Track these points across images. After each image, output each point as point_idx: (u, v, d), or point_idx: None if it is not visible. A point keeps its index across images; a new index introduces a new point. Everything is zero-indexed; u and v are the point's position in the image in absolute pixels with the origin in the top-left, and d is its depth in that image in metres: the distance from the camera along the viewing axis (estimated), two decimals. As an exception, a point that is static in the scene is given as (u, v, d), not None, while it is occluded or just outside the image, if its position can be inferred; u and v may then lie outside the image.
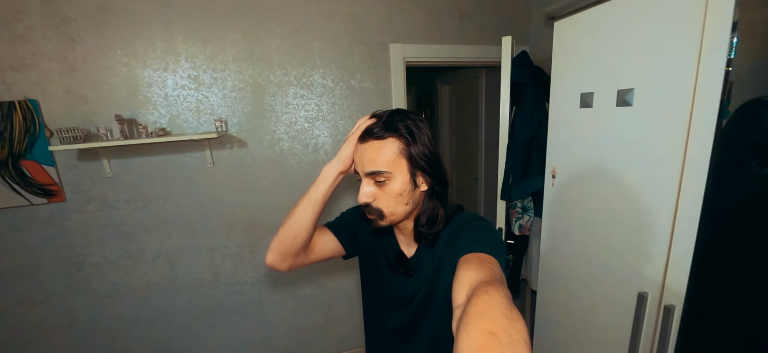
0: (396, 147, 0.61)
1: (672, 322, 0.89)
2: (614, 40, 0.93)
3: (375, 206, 0.64)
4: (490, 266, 0.51)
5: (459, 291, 0.48)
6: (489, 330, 0.34)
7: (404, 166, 0.62)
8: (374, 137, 0.61)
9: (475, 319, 0.36)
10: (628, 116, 0.91)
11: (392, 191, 0.62)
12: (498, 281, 0.46)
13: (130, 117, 1.51)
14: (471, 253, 0.56)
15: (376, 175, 0.61)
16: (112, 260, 1.64)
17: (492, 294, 0.40)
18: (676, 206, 0.84)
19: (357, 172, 0.66)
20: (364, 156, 0.63)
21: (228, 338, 1.89)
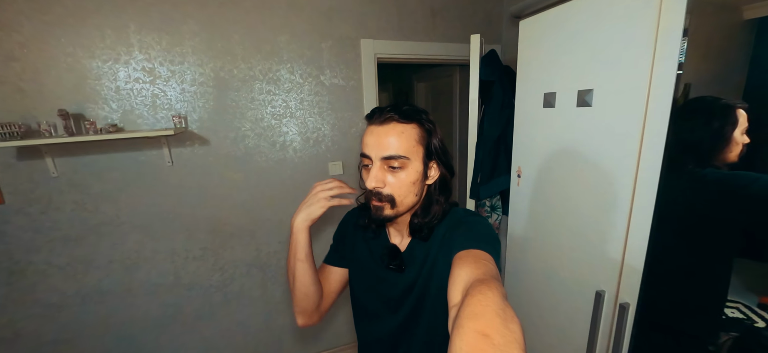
0: (417, 134, 0.61)
1: (626, 319, 0.91)
2: (575, 41, 0.93)
3: (387, 193, 0.61)
4: (485, 263, 0.51)
5: (454, 290, 0.47)
6: (482, 331, 0.34)
7: (421, 154, 0.62)
8: (396, 121, 0.60)
9: (468, 320, 0.35)
10: (588, 117, 0.92)
11: (406, 179, 0.61)
12: (493, 279, 0.45)
13: (77, 112, 1.39)
14: (465, 250, 0.55)
15: (393, 159, 0.59)
16: (60, 267, 1.52)
17: (486, 294, 0.39)
18: (631, 207, 0.86)
19: (364, 155, 0.63)
20: (381, 139, 0.60)
21: (192, 344, 1.80)
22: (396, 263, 0.70)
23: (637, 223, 0.85)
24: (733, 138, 0.80)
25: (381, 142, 0.60)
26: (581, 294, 1.04)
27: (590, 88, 0.90)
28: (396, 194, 0.62)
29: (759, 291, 1.90)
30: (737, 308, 1.87)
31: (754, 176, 0.77)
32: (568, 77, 0.97)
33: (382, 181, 0.61)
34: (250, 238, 1.77)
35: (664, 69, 0.75)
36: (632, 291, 0.89)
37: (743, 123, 0.81)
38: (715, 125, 0.81)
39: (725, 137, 0.80)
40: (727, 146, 0.80)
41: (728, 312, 1.82)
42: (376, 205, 0.63)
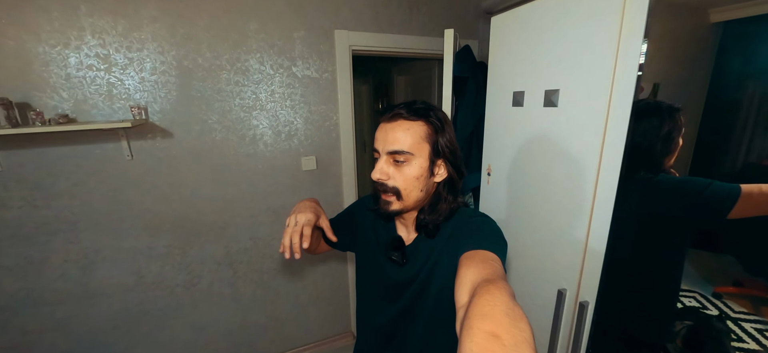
0: (423, 131, 0.63)
1: (586, 317, 0.93)
2: (543, 40, 0.93)
3: (391, 185, 0.64)
4: (492, 263, 0.51)
5: (461, 291, 0.48)
6: (491, 332, 0.34)
7: (426, 152, 0.63)
8: (403, 117, 0.62)
9: (477, 321, 0.35)
10: (554, 117, 0.92)
11: (410, 173, 0.63)
12: (500, 278, 0.45)
13: (22, 101, 1.28)
14: (472, 250, 0.56)
15: (397, 154, 0.62)
16: (9, 268, 1.41)
17: (494, 294, 0.39)
18: (592, 207, 0.86)
19: (374, 149, 0.66)
20: (388, 134, 0.63)
21: (159, 345, 1.73)
22: (398, 255, 0.71)
23: (597, 223, 0.86)
24: (678, 142, 0.82)
25: (388, 137, 0.63)
26: (545, 291, 1.05)
27: (556, 88, 0.90)
28: (401, 188, 0.64)
29: (714, 281, 2.00)
30: (694, 297, 1.96)
31: (705, 182, 0.79)
32: (536, 76, 0.96)
33: (386, 173, 0.64)
34: (219, 235, 1.70)
35: (625, 70, 0.75)
36: (591, 290, 0.90)
37: (683, 128, 0.82)
38: (664, 130, 0.83)
39: (673, 142, 0.82)
40: (674, 151, 0.82)
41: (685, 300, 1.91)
42: (384, 199, 0.66)
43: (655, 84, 1.58)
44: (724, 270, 1.91)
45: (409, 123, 0.62)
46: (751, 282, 1.90)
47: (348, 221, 0.87)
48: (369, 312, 0.82)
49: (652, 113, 0.85)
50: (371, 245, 0.79)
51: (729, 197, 0.75)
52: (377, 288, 0.78)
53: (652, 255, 0.88)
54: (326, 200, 1.87)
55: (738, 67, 1.72)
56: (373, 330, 0.81)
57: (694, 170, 1.44)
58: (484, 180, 1.23)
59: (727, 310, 1.84)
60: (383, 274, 0.75)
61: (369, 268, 0.80)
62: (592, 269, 0.89)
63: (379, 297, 0.77)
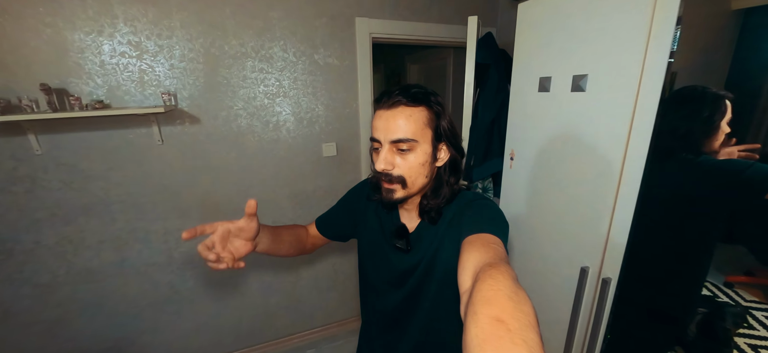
0: (425, 116, 0.62)
1: (608, 293, 0.97)
2: (572, 25, 0.95)
3: (397, 174, 0.63)
4: (494, 246, 0.51)
5: (464, 275, 0.48)
6: (496, 316, 0.34)
7: (429, 137, 0.62)
8: (404, 104, 0.60)
9: (481, 306, 0.35)
10: (581, 102, 0.95)
11: (415, 160, 0.62)
12: (502, 262, 0.46)
13: (60, 87, 1.33)
14: (474, 234, 0.56)
15: (402, 142, 0.60)
16: (49, 247, 1.49)
17: (496, 278, 0.39)
18: (617, 188, 0.90)
19: (374, 139, 0.64)
20: (389, 122, 0.61)
21: (189, 322, 1.82)
22: (402, 243, 0.71)
23: (622, 203, 0.89)
24: (721, 127, 0.84)
25: (389, 125, 0.61)
26: (567, 269, 1.10)
27: (585, 73, 0.92)
28: (406, 176, 0.63)
29: (726, 271, 2.03)
30: (705, 286, 2.00)
31: (747, 163, 0.82)
32: (563, 62, 0.98)
33: (391, 163, 0.62)
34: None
35: (656, 56, 0.77)
36: (615, 266, 0.94)
37: (729, 114, 0.84)
38: (705, 113, 0.85)
39: (714, 126, 0.84)
40: (714, 135, 0.84)
41: (699, 289, 1.93)
42: (387, 187, 0.64)
43: (672, 72, 1.59)
44: (736, 260, 1.93)
45: (411, 109, 0.61)
46: (763, 271, 1.93)
47: (345, 211, 0.87)
48: (375, 297, 0.82)
49: (694, 97, 0.87)
50: (375, 232, 0.78)
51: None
52: (383, 274, 0.78)
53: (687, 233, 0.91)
54: (345, 185, 1.92)
55: (759, 55, 1.71)
56: (379, 315, 0.81)
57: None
58: (507, 165, 1.27)
59: (738, 299, 1.88)
60: (388, 261, 0.76)
61: (374, 255, 0.80)
62: (616, 247, 0.92)
63: (385, 282, 0.78)
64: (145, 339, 1.76)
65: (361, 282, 0.87)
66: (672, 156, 0.89)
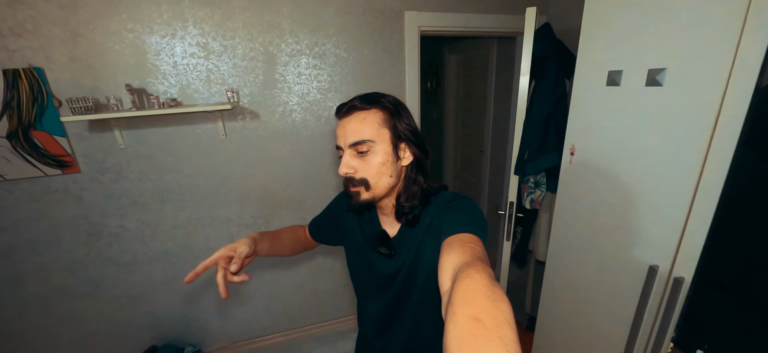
0: (379, 117, 0.64)
1: (681, 292, 0.95)
2: (651, 16, 0.90)
3: (359, 177, 0.65)
4: (472, 245, 0.52)
5: (443, 276, 0.49)
6: (473, 315, 0.34)
7: (387, 136, 0.64)
8: (357, 109, 0.64)
9: (460, 306, 0.36)
10: (656, 96, 0.91)
11: (374, 161, 0.64)
12: (479, 261, 0.47)
13: (139, 87, 1.47)
14: (453, 235, 0.57)
15: (359, 145, 0.63)
16: (131, 230, 1.67)
17: (473, 277, 0.40)
18: (697, 184, 0.86)
19: (338, 147, 0.67)
20: (347, 128, 0.64)
21: (246, 302, 1.97)
22: (385, 248, 0.73)
23: (701, 203, 0.86)
24: None
25: (346, 130, 0.64)
26: (629, 268, 1.07)
27: (663, 67, 0.89)
28: (368, 177, 0.64)
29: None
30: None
31: None
32: (638, 55, 0.94)
33: (352, 167, 0.64)
34: (297, 208, 1.87)
35: (751, 48, 0.73)
36: (689, 266, 0.92)
37: None
38: None
39: None
40: None
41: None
42: (352, 190, 0.66)
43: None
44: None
45: (365, 113, 0.63)
46: None
47: (331, 218, 0.90)
48: (366, 300, 0.86)
49: None
50: (358, 242, 0.81)
51: None
52: (370, 279, 0.81)
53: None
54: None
55: None
56: (370, 317, 0.85)
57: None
58: (566, 159, 1.24)
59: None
60: (373, 267, 0.78)
61: (359, 263, 0.83)
62: (693, 245, 0.90)
63: (374, 287, 0.80)
64: (209, 315, 1.94)
65: (354, 287, 0.90)
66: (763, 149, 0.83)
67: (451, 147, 3.27)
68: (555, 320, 1.45)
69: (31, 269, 1.59)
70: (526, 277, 2.13)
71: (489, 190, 2.72)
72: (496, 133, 2.50)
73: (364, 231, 0.80)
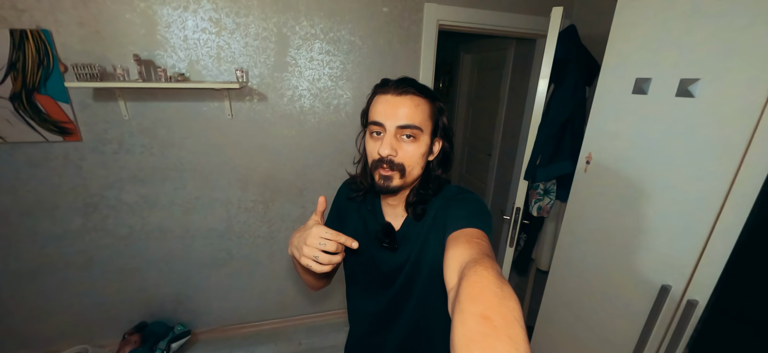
0: (429, 109, 0.63)
1: (692, 316, 0.91)
2: (687, 23, 0.86)
3: (398, 162, 0.62)
4: (478, 240, 0.52)
5: (450, 272, 0.48)
6: (482, 314, 0.34)
7: (430, 128, 0.64)
8: (413, 93, 0.61)
9: (467, 304, 0.36)
10: (688, 109, 0.87)
11: (417, 150, 0.62)
12: (486, 257, 0.45)
13: (148, 58, 1.43)
14: (458, 230, 0.56)
15: (409, 128, 0.60)
16: (129, 204, 1.64)
17: (481, 274, 0.39)
18: (722, 204, 0.82)
19: (377, 122, 0.61)
20: (398, 108, 0.60)
21: (239, 286, 1.94)
22: (389, 241, 0.70)
23: (725, 225, 0.82)
24: None
25: (398, 111, 0.60)
26: (639, 286, 1.03)
27: (697, 77, 0.84)
28: (406, 164, 0.62)
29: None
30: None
31: None
32: (670, 63, 0.90)
33: (395, 149, 0.61)
34: (298, 195, 1.83)
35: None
36: (705, 289, 0.87)
37: None
38: None
39: None
40: None
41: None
42: (386, 174, 0.62)
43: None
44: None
45: (419, 99, 0.61)
46: None
47: (337, 216, 0.83)
48: (363, 298, 0.81)
49: None
50: (360, 233, 0.75)
51: None
52: (371, 275, 0.76)
53: None
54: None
55: None
56: (368, 316, 0.80)
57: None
58: (581, 168, 1.20)
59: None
60: (374, 262, 0.74)
61: (359, 257, 0.77)
62: (712, 267, 0.85)
63: (374, 284, 0.76)
64: (202, 296, 1.91)
65: (348, 284, 0.84)
66: None
67: (459, 148, 3.22)
68: (553, 332, 1.41)
69: (25, 234, 1.56)
70: (526, 285, 2.09)
71: (493, 194, 2.68)
72: (505, 137, 2.45)
73: (365, 223, 0.75)
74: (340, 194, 0.83)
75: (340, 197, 0.83)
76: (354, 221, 0.77)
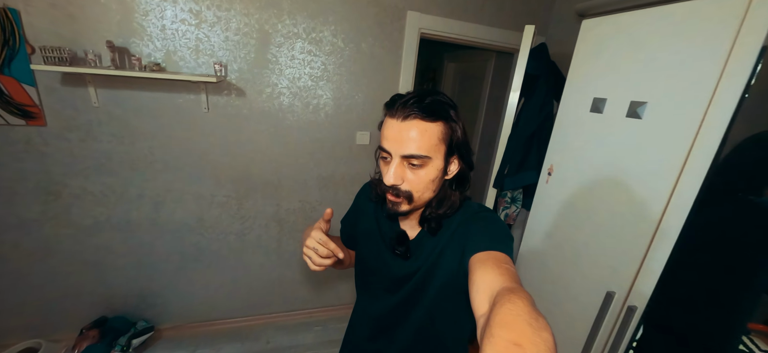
0: (440, 132, 0.58)
1: (632, 320, 0.98)
2: (638, 50, 0.94)
3: (405, 189, 0.60)
4: (507, 267, 0.50)
5: (480, 298, 0.47)
6: (514, 341, 0.33)
7: (442, 152, 0.60)
8: (418, 117, 0.56)
9: (499, 329, 0.35)
10: (635, 128, 0.94)
11: (426, 176, 0.60)
12: (519, 286, 0.46)
13: (122, 45, 1.40)
14: (483, 251, 0.55)
15: (414, 158, 0.58)
16: (94, 194, 1.58)
17: (515, 302, 0.39)
18: (660, 218, 0.90)
19: (383, 148, 0.60)
20: (403, 136, 0.57)
21: (206, 283, 1.91)
22: (402, 250, 0.69)
23: (663, 236, 0.89)
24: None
25: (402, 139, 0.57)
26: (589, 292, 1.10)
27: (644, 101, 0.92)
28: (414, 191, 0.60)
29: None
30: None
31: None
32: (622, 86, 0.98)
33: (401, 177, 0.59)
34: (273, 193, 1.82)
35: (730, 89, 0.76)
36: (643, 296, 0.95)
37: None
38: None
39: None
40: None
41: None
42: (393, 200, 0.62)
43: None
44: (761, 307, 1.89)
45: (426, 124, 0.56)
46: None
47: (353, 216, 0.86)
48: (367, 299, 0.81)
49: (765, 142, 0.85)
50: (373, 234, 0.76)
51: None
52: (379, 278, 0.76)
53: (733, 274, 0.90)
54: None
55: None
56: (369, 318, 0.80)
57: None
58: (543, 179, 1.27)
59: (753, 348, 1.84)
60: (385, 266, 0.74)
61: (370, 257, 0.78)
62: (649, 277, 0.93)
63: (380, 287, 0.76)
64: (168, 292, 1.86)
65: (357, 282, 0.85)
66: (730, 197, 0.87)
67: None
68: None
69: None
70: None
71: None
72: (483, 146, 2.54)
73: (380, 228, 0.75)
74: (363, 191, 0.84)
75: (362, 194, 0.84)
76: (368, 222, 0.78)
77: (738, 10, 0.74)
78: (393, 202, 0.62)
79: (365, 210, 0.80)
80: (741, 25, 0.74)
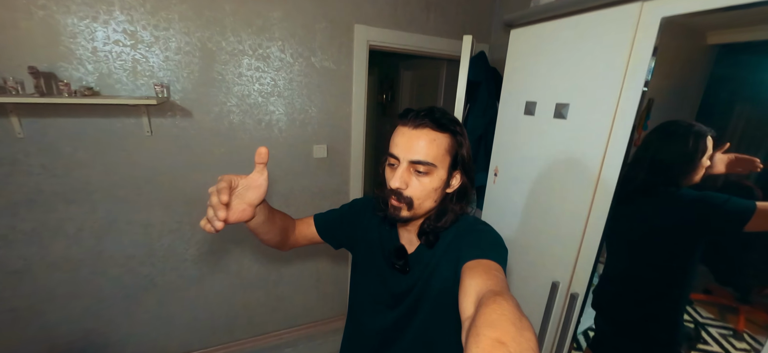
0: (447, 143, 0.63)
1: (576, 307, 1.04)
2: (559, 56, 1.01)
3: (407, 195, 0.63)
4: (496, 273, 0.52)
5: (466, 301, 0.48)
6: (498, 339, 0.34)
7: (447, 163, 0.64)
8: (430, 126, 0.61)
9: (484, 328, 0.36)
10: (562, 128, 1.02)
11: (429, 184, 0.63)
12: (505, 289, 0.47)
13: (48, 70, 1.30)
14: (475, 260, 0.57)
15: (421, 164, 0.61)
16: (24, 232, 1.45)
17: (501, 303, 0.40)
18: (589, 211, 0.97)
19: (392, 155, 0.64)
20: (412, 142, 0.61)
21: (164, 316, 1.80)
22: (401, 264, 0.71)
23: (592, 225, 0.96)
24: (702, 163, 0.90)
25: (412, 145, 0.61)
26: (539, 283, 1.16)
27: (567, 102, 0.99)
28: (415, 197, 0.63)
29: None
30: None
31: (725, 197, 0.87)
32: (548, 89, 1.05)
33: (405, 182, 0.62)
34: (230, 214, 1.76)
35: (632, 86, 0.84)
36: (582, 283, 1.01)
37: (709, 150, 0.90)
38: (689, 149, 0.90)
39: (693, 163, 0.89)
40: (694, 171, 0.90)
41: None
42: (395, 205, 0.64)
43: (649, 99, 1.70)
44: (698, 278, 2.08)
45: (436, 134, 0.61)
46: (720, 290, 2.07)
47: (346, 221, 0.86)
48: (367, 313, 0.82)
49: (678, 133, 0.92)
50: (375, 249, 0.78)
51: (746, 211, 0.81)
52: (379, 292, 0.78)
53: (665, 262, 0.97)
54: (334, 188, 1.95)
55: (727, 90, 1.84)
56: (369, 331, 0.81)
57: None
58: (490, 180, 1.33)
59: (696, 315, 2.02)
60: (384, 281, 0.76)
61: (369, 272, 0.80)
62: (585, 264, 0.99)
63: (381, 302, 0.78)
64: (120, 331, 1.73)
65: (352, 297, 0.86)
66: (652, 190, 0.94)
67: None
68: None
69: None
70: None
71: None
72: (442, 151, 2.61)
73: (382, 240, 0.77)
74: (367, 204, 0.85)
75: (368, 203, 0.85)
76: (372, 234, 0.80)
77: (633, 13, 0.83)
78: (395, 207, 0.65)
79: (369, 224, 0.82)
80: (637, 28, 0.82)
